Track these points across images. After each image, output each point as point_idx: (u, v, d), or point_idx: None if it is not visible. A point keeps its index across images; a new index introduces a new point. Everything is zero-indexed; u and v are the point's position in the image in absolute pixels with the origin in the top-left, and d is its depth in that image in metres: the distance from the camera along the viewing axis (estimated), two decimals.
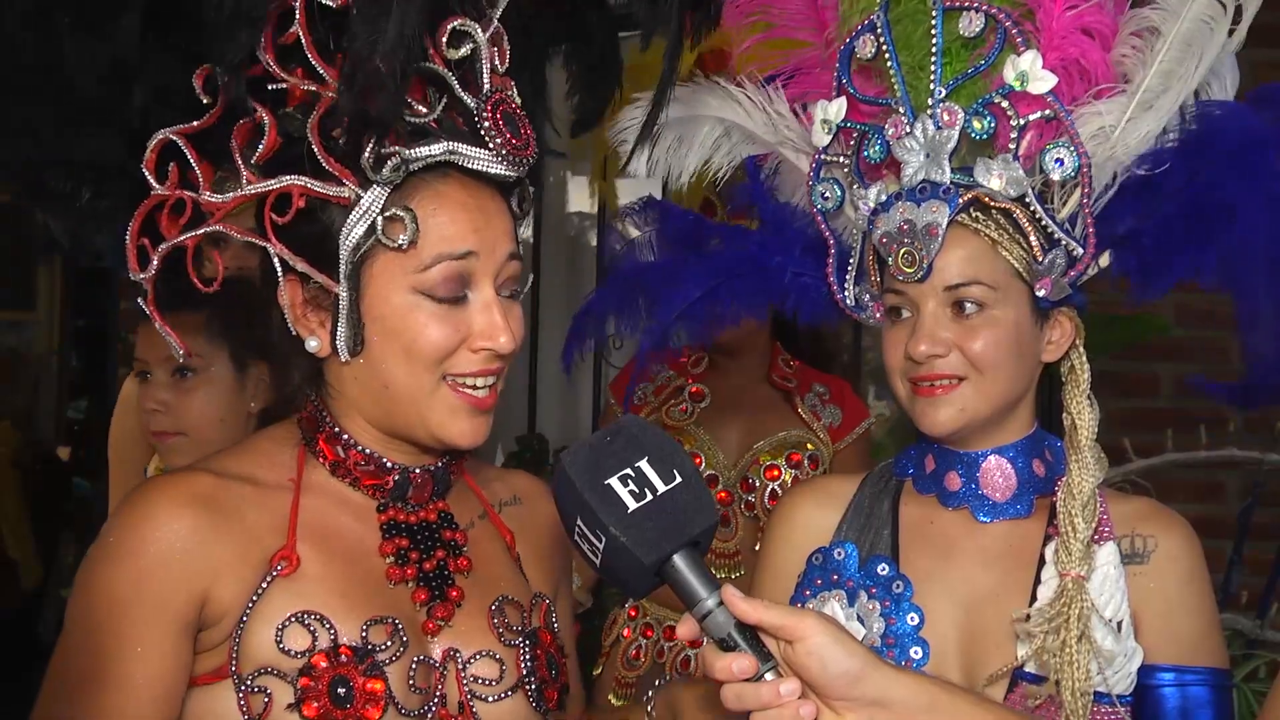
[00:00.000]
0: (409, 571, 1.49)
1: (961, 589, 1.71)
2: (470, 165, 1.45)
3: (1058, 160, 1.68)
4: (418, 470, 1.53)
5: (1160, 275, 1.73)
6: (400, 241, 1.42)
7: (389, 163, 1.41)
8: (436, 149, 1.43)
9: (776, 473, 3.08)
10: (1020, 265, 1.68)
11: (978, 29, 1.70)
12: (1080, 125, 1.70)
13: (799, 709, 1.23)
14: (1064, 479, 1.70)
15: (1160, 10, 1.70)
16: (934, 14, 1.71)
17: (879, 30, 1.75)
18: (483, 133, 1.45)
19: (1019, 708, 1.62)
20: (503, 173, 1.47)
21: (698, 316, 1.94)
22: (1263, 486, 3.66)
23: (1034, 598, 1.67)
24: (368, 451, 1.51)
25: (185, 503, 1.42)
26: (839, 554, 1.76)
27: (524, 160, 1.48)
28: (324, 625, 1.41)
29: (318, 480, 1.51)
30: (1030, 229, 1.69)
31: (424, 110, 1.44)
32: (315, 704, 1.37)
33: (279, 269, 1.45)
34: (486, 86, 1.47)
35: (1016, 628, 1.64)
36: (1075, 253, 1.70)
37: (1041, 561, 1.69)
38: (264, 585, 1.42)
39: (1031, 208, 1.69)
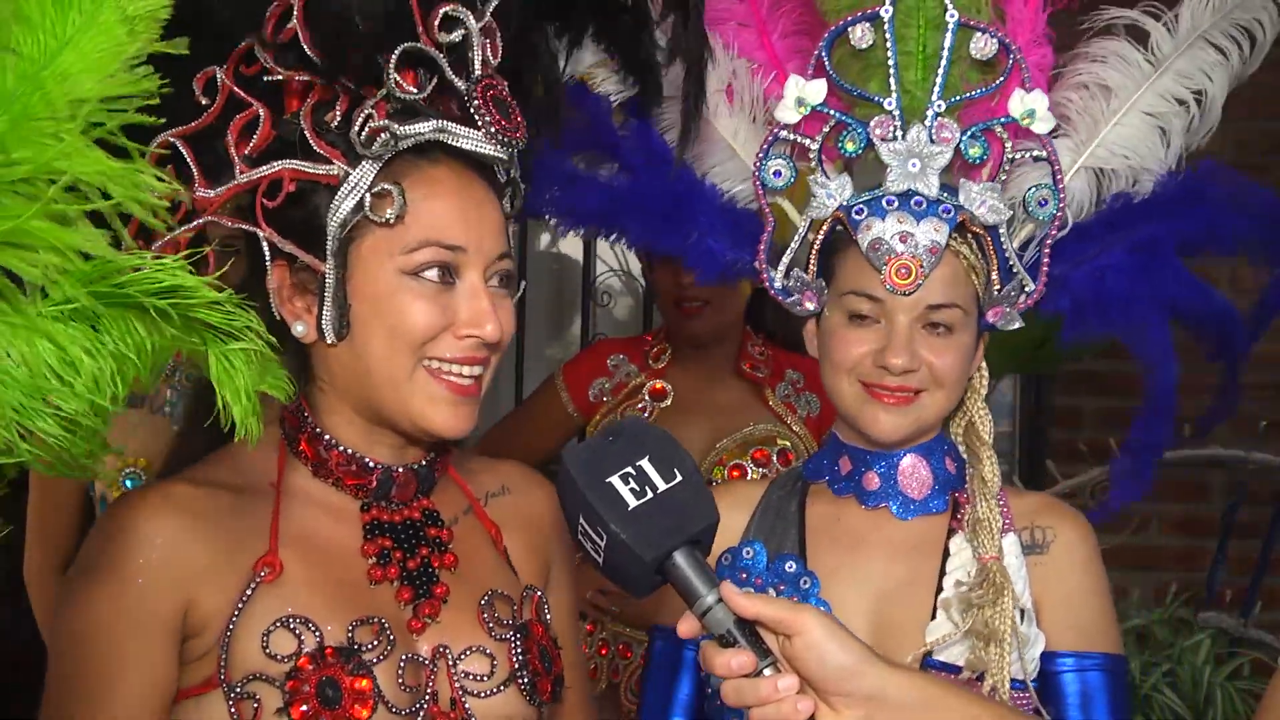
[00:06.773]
0: (392, 571, 1.49)
1: (869, 582, 1.75)
2: (459, 145, 1.46)
3: (1041, 201, 1.75)
4: (400, 469, 1.52)
5: (1093, 316, 1.81)
6: (388, 216, 1.41)
7: (379, 138, 1.42)
8: (426, 127, 1.44)
9: (739, 473, 2.83)
10: (980, 291, 1.74)
11: (990, 53, 1.73)
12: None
13: (797, 704, 1.23)
14: (974, 472, 1.76)
15: (1116, 71, 1.79)
16: (949, 25, 1.73)
17: (884, 25, 1.75)
18: (473, 111, 1.46)
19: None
20: (492, 153, 1.47)
21: (583, 213, 1.97)
22: (1247, 485, 3.69)
23: (940, 589, 1.72)
24: (349, 452, 1.50)
25: (163, 513, 1.41)
26: (748, 553, 1.79)
27: (514, 142, 1.49)
28: (309, 628, 1.41)
29: (300, 482, 1.51)
30: (995, 258, 1.74)
31: (414, 90, 1.45)
32: (304, 706, 1.37)
33: (267, 254, 1.44)
34: (478, 72, 1.47)
35: (941, 606, 1.69)
36: (1027, 287, 1.76)
37: (946, 554, 1.74)
38: (248, 592, 1.41)
39: (1001, 238, 1.74)
